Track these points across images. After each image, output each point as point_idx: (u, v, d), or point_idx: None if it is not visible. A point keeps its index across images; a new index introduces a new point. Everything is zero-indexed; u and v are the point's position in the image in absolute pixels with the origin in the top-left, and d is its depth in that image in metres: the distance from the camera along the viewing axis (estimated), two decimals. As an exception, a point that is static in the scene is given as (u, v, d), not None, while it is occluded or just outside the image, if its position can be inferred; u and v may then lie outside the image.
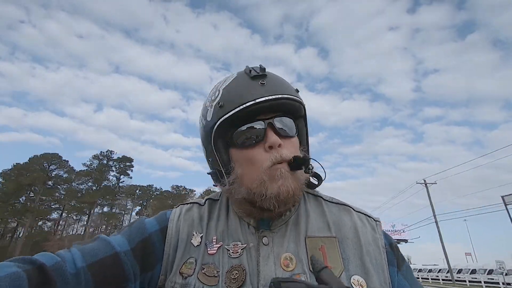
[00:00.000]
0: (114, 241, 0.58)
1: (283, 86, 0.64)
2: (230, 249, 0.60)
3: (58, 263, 0.49)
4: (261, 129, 0.60)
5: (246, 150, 0.61)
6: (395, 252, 0.63)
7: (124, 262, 0.55)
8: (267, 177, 0.58)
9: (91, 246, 0.55)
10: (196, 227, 0.66)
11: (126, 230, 0.63)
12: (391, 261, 0.60)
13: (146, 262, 0.59)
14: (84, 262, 0.52)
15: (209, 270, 0.58)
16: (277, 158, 0.58)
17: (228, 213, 0.69)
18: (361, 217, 0.67)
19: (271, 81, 0.63)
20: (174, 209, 0.71)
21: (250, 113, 0.60)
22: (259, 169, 0.59)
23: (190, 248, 0.62)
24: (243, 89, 0.62)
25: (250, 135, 0.61)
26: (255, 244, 0.61)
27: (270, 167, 0.58)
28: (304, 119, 0.69)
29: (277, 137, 0.59)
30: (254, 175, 0.59)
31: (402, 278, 0.60)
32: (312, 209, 0.67)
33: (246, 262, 0.58)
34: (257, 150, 0.60)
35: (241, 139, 0.62)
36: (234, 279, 0.55)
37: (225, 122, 0.61)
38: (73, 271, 0.50)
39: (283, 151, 0.59)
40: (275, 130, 0.61)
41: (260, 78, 0.63)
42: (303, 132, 0.69)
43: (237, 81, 0.64)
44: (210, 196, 0.75)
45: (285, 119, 0.63)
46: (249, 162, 0.61)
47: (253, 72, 0.64)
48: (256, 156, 0.60)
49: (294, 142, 0.64)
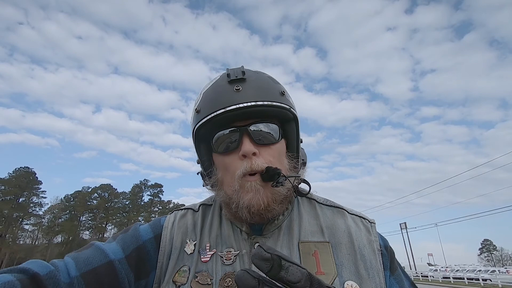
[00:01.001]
0: (109, 249, 0.57)
1: (261, 91, 0.61)
2: (223, 256, 0.60)
3: (51, 272, 0.48)
4: (236, 137, 0.60)
5: (223, 156, 0.62)
6: (390, 256, 0.62)
7: (119, 270, 0.55)
8: (239, 187, 0.58)
9: (85, 255, 0.55)
10: (189, 235, 0.65)
11: (121, 237, 0.62)
12: (385, 265, 0.59)
13: (141, 270, 0.59)
14: (78, 271, 0.51)
15: (202, 278, 0.57)
16: (246, 169, 0.57)
17: (221, 219, 0.68)
18: (355, 219, 0.66)
19: (249, 86, 0.61)
20: (169, 216, 0.71)
21: (224, 120, 0.59)
22: (234, 177, 0.59)
23: (183, 256, 0.62)
24: (217, 95, 0.61)
25: (227, 142, 0.61)
26: (247, 251, 0.60)
27: (242, 177, 0.58)
28: (295, 122, 0.67)
29: (252, 145, 0.59)
30: (230, 182, 0.60)
31: (394, 282, 0.60)
32: (306, 212, 0.67)
33: (239, 269, 0.55)
34: (232, 157, 0.61)
35: (219, 145, 0.63)
36: (227, 287, 0.55)
37: (202, 128, 0.62)
38: (66, 280, 0.49)
39: (257, 161, 0.58)
40: (251, 138, 0.60)
41: (237, 82, 0.62)
42: (292, 136, 0.67)
43: (216, 85, 0.65)
44: (204, 202, 0.75)
45: (266, 125, 0.62)
46: (225, 169, 0.62)
47: (232, 76, 0.62)
48: (231, 164, 0.60)
49: (274, 149, 0.62)
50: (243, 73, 0.63)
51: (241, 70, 0.64)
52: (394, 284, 0.60)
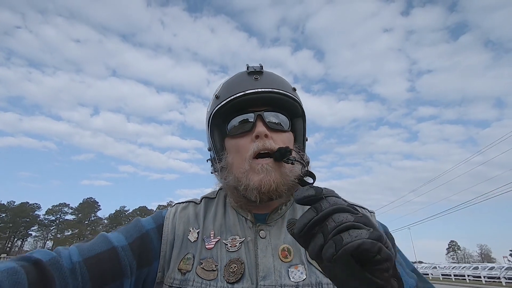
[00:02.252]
0: (112, 236, 0.59)
1: (277, 82, 0.69)
2: (228, 243, 0.62)
3: (54, 258, 0.49)
4: (251, 120, 0.65)
5: (236, 139, 0.67)
6: (390, 240, 0.62)
7: (121, 256, 0.56)
8: (250, 168, 0.61)
9: (89, 243, 0.57)
10: (192, 224, 0.67)
11: (124, 228, 0.64)
12: None
13: (143, 258, 0.60)
14: (81, 257, 0.53)
15: (208, 264, 0.59)
16: (259, 147, 0.61)
17: (225, 209, 0.71)
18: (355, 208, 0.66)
19: (266, 77, 0.69)
20: (170, 208, 0.73)
21: (241, 104, 0.65)
22: (245, 158, 0.63)
23: (187, 244, 0.64)
24: (238, 82, 0.69)
25: (241, 125, 0.66)
26: (252, 238, 0.62)
27: (253, 158, 0.61)
28: (303, 119, 0.73)
29: (265, 128, 0.63)
30: (240, 164, 0.63)
31: (398, 265, 0.62)
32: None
33: (244, 255, 0.59)
34: (245, 139, 0.65)
35: (234, 128, 0.67)
36: (233, 272, 0.56)
37: (219, 112, 0.67)
38: (69, 266, 0.50)
39: (268, 142, 0.62)
40: (264, 122, 0.65)
41: (255, 74, 0.69)
42: (300, 132, 0.72)
43: (236, 76, 0.72)
44: (207, 195, 0.77)
45: (278, 114, 0.68)
46: (237, 151, 0.66)
47: (251, 69, 0.71)
48: (244, 145, 0.64)
49: (285, 137, 0.67)
50: (261, 67, 0.72)
51: (259, 64, 0.73)
52: (398, 266, 0.60)
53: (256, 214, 0.67)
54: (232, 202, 0.69)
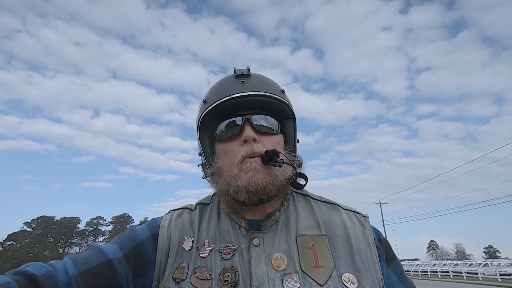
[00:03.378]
0: (107, 248, 0.58)
1: (264, 85, 0.68)
2: (222, 251, 0.61)
3: (49, 273, 0.48)
4: (239, 124, 0.65)
5: (225, 143, 0.66)
6: (384, 247, 0.65)
7: (117, 269, 0.55)
8: (238, 170, 0.61)
9: (84, 255, 0.55)
10: (187, 232, 0.67)
11: (118, 238, 0.63)
12: (381, 256, 0.62)
13: (139, 268, 0.60)
14: (76, 270, 0.51)
15: (202, 273, 0.58)
16: (247, 152, 0.61)
17: (219, 215, 0.70)
18: (349, 214, 0.68)
19: (254, 80, 0.68)
20: (165, 216, 0.72)
21: (229, 108, 0.65)
22: (234, 162, 0.62)
23: (182, 253, 0.63)
24: (225, 86, 0.68)
25: (229, 129, 0.66)
26: (246, 246, 0.61)
27: (241, 161, 0.61)
28: (293, 120, 0.72)
29: (253, 132, 0.63)
30: (230, 168, 0.63)
31: (392, 273, 0.62)
32: (302, 207, 0.69)
33: (238, 263, 0.58)
34: (234, 143, 0.64)
35: (222, 133, 0.67)
36: (227, 281, 0.56)
37: (208, 117, 0.67)
38: (65, 280, 0.49)
39: (257, 146, 0.62)
40: (252, 126, 0.64)
41: (243, 77, 0.68)
42: (291, 133, 0.72)
43: (224, 80, 0.72)
44: (201, 201, 0.76)
45: (266, 117, 0.67)
46: (226, 155, 0.65)
47: (238, 72, 0.70)
48: (232, 149, 0.64)
49: (274, 140, 0.67)
50: (249, 69, 0.71)
51: (247, 67, 0.72)
52: (392, 274, 0.62)
53: (250, 220, 0.66)
54: (225, 207, 0.69)
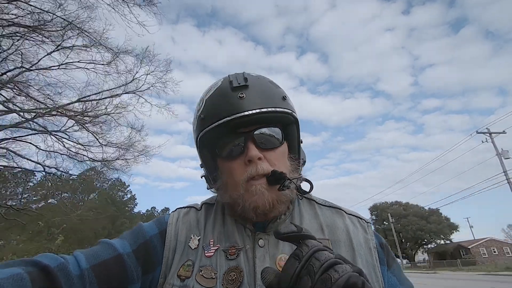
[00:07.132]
0: (117, 243, 0.58)
1: (264, 98, 0.63)
2: (227, 251, 0.61)
3: (62, 264, 0.48)
4: (242, 142, 0.62)
5: (228, 162, 0.63)
6: (385, 251, 0.65)
7: (127, 263, 0.55)
8: (244, 191, 0.60)
9: (94, 249, 0.56)
10: (193, 230, 0.67)
11: (127, 234, 0.63)
12: (382, 260, 0.62)
13: (148, 264, 0.60)
14: (88, 263, 0.52)
15: (207, 272, 0.58)
16: (252, 173, 0.59)
17: (224, 216, 0.69)
18: (352, 219, 0.68)
19: (252, 92, 0.63)
20: (172, 213, 0.72)
21: (229, 127, 0.61)
22: (239, 182, 0.60)
23: (188, 251, 0.63)
24: (222, 102, 0.62)
25: (232, 147, 0.63)
26: (251, 246, 0.61)
27: (247, 182, 0.60)
28: (296, 125, 0.69)
29: (257, 150, 0.60)
30: (235, 187, 0.62)
31: (392, 276, 0.63)
32: (306, 211, 0.69)
33: (243, 263, 0.58)
34: (238, 163, 0.62)
35: (224, 151, 0.64)
36: (232, 280, 0.56)
37: (207, 134, 0.63)
38: (77, 272, 0.49)
39: (262, 165, 0.60)
40: (256, 143, 0.61)
41: (240, 89, 0.62)
42: (293, 138, 0.69)
43: (219, 91, 0.65)
44: (206, 201, 0.76)
45: (269, 129, 0.64)
46: (230, 174, 0.63)
47: (234, 83, 0.63)
48: (236, 169, 0.62)
49: (279, 153, 0.65)
50: (246, 79, 0.64)
51: (243, 76, 0.64)
52: (392, 277, 0.63)
53: (255, 222, 0.65)
54: (230, 211, 0.68)
